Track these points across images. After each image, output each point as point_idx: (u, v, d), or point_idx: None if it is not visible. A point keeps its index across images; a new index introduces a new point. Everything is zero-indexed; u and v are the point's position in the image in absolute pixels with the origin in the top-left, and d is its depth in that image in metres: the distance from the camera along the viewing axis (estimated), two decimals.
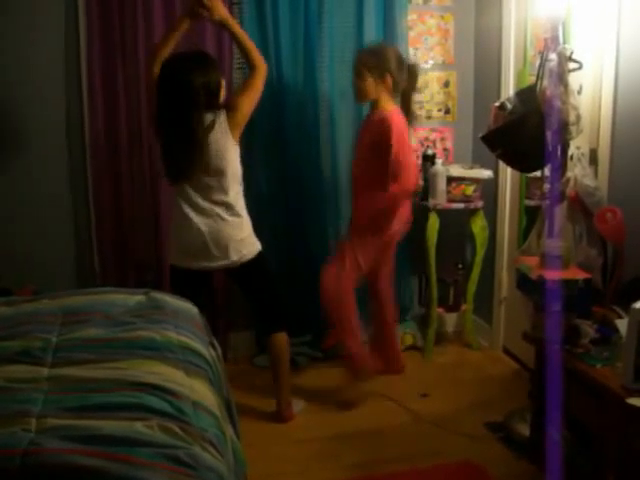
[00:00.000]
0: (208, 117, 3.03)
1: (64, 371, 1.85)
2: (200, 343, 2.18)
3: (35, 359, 1.93)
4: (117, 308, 2.34)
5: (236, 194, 3.16)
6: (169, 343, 2.05)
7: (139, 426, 1.55)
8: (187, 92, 2.95)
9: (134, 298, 2.45)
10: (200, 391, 1.85)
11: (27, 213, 3.85)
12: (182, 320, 2.29)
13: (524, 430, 3.04)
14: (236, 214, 3.15)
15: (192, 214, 3.09)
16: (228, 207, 3.12)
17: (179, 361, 1.96)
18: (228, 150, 3.07)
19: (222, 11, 3.13)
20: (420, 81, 4.24)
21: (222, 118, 3.05)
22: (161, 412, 1.64)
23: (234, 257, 3.15)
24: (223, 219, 3.11)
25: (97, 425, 1.54)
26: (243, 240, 3.17)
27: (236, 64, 3.94)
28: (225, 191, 3.10)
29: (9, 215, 3.83)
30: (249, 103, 3.13)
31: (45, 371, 1.86)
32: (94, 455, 1.42)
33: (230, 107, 3.08)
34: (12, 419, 1.56)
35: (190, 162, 2.99)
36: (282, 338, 3.35)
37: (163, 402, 1.68)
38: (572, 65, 2.94)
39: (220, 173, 3.07)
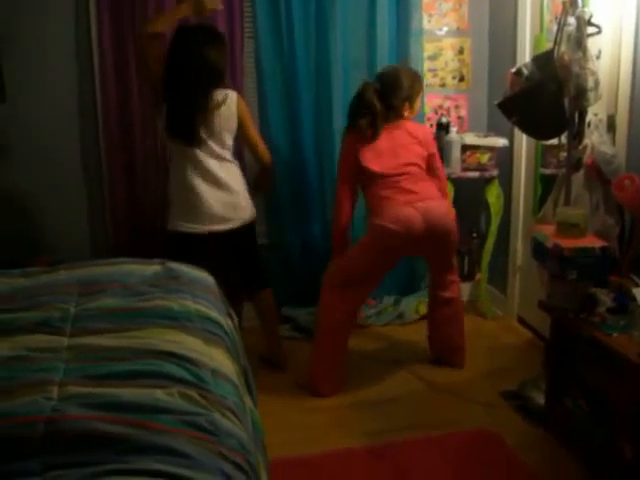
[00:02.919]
0: (219, 93, 3.19)
1: (84, 340, 1.86)
2: (217, 312, 2.18)
3: (54, 329, 1.95)
4: (134, 278, 2.35)
5: (234, 165, 3.35)
6: (187, 312, 2.06)
7: (159, 393, 1.56)
8: (201, 65, 3.13)
9: (150, 268, 2.46)
10: (219, 359, 1.86)
11: (39, 186, 3.87)
12: (199, 289, 2.30)
13: (539, 399, 3.04)
14: (238, 181, 3.35)
15: (199, 180, 3.24)
16: (231, 176, 3.31)
17: (197, 330, 1.97)
18: (225, 135, 3.25)
19: None
20: (434, 48, 4.23)
21: (234, 106, 3.23)
22: (181, 380, 1.65)
23: (239, 221, 3.34)
24: (229, 186, 3.29)
25: (118, 392, 1.55)
26: (245, 206, 3.37)
27: (247, 33, 3.91)
28: (227, 161, 3.30)
29: (22, 188, 3.85)
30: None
31: (65, 340, 1.87)
32: (116, 422, 1.43)
33: (243, 122, 3.31)
34: (34, 387, 1.57)
35: (194, 127, 3.16)
36: (269, 292, 3.59)
37: (182, 370, 1.69)
38: (591, 29, 2.89)
39: (222, 144, 3.25)
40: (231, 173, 3.31)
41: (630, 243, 2.82)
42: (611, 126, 3.05)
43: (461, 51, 4.29)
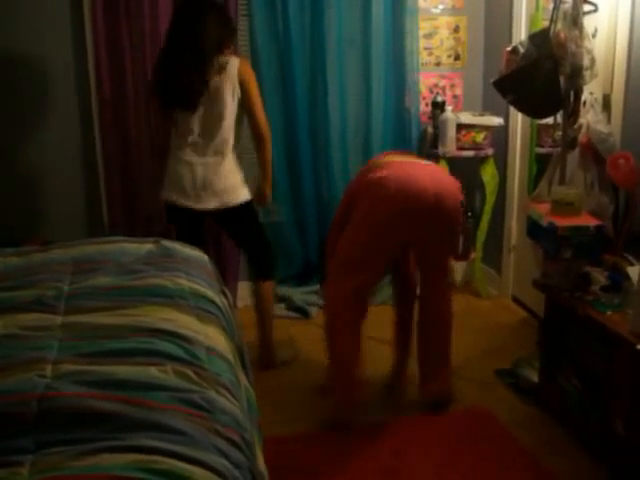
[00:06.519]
0: (222, 59, 3.10)
1: (77, 318, 1.86)
2: (212, 290, 2.18)
3: (48, 307, 1.94)
4: (128, 256, 2.34)
5: (228, 143, 3.20)
6: (181, 290, 2.06)
7: (154, 371, 1.56)
8: (202, 29, 3.06)
9: (144, 246, 2.45)
10: (213, 337, 1.86)
11: (36, 166, 3.85)
12: (193, 268, 2.30)
13: (533, 377, 3.06)
14: (226, 162, 3.20)
15: (188, 153, 3.17)
16: (219, 155, 3.18)
17: (191, 308, 1.97)
18: (227, 100, 3.13)
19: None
20: (429, 26, 4.20)
21: (234, 71, 3.11)
22: (175, 357, 1.65)
23: (216, 203, 3.20)
24: (214, 164, 3.18)
25: (112, 370, 1.55)
26: (227, 188, 3.21)
27: (241, 11, 3.89)
28: (219, 139, 3.17)
29: (18, 168, 3.83)
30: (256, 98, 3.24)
31: (58, 319, 1.87)
32: (110, 399, 1.43)
33: (244, 85, 3.16)
34: (27, 365, 1.57)
35: (192, 91, 3.08)
36: (267, 286, 3.39)
37: (177, 347, 1.69)
38: (587, 7, 2.88)
39: (218, 118, 3.14)
40: (222, 153, 3.18)
41: (624, 222, 2.83)
42: (606, 105, 3.04)
43: (457, 29, 4.26)
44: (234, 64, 3.12)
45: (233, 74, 3.11)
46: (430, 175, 2.75)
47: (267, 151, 3.27)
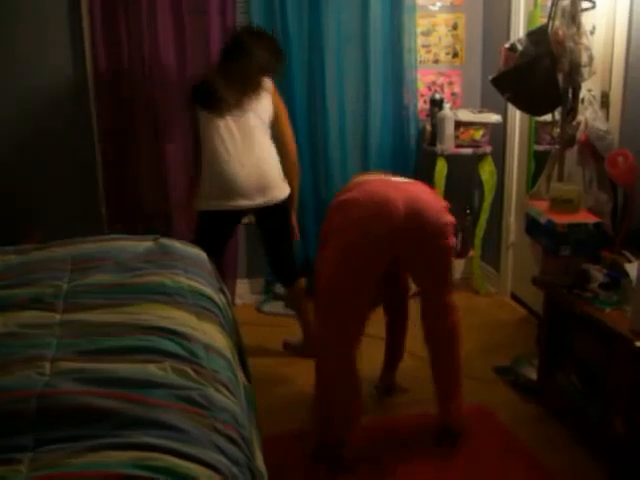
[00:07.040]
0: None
1: (76, 316, 1.86)
2: (210, 288, 2.19)
3: (47, 305, 1.95)
4: (126, 254, 2.34)
5: (267, 145, 3.31)
6: (180, 288, 2.06)
7: (152, 368, 1.56)
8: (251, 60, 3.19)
9: (143, 244, 2.46)
10: (212, 334, 1.86)
11: (35, 166, 3.86)
12: (192, 265, 2.30)
13: (532, 374, 3.06)
14: (273, 156, 3.31)
15: (233, 151, 3.21)
16: (265, 149, 3.27)
17: (190, 305, 1.97)
18: (259, 111, 3.26)
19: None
20: (427, 23, 4.20)
21: (269, 87, 3.28)
22: (174, 355, 1.65)
23: (270, 196, 3.28)
24: (263, 158, 3.26)
25: (111, 368, 1.55)
26: (279, 181, 3.32)
27: (239, 8, 3.89)
28: (258, 143, 3.26)
29: (18, 168, 3.83)
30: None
31: (57, 317, 1.87)
32: (109, 396, 1.43)
33: (276, 105, 3.33)
34: (26, 363, 1.57)
35: (224, 94, 3.17)
36: (300, 285, 3.54)
37: (176, 345, 1.69)
38: (585, 4, 2.88)
39: (255, 116, 3.24)
40: (265, 147, 3.27)
41: (623, 219, 2.83)
42: (605, 102, 3.05)
43: (455, 27, 4.25)
44: (267, 81, 3.27)
45: (268, 89, 3.26)
46: (405, 194, 2.47)
47: (294, 172, 3.45)
